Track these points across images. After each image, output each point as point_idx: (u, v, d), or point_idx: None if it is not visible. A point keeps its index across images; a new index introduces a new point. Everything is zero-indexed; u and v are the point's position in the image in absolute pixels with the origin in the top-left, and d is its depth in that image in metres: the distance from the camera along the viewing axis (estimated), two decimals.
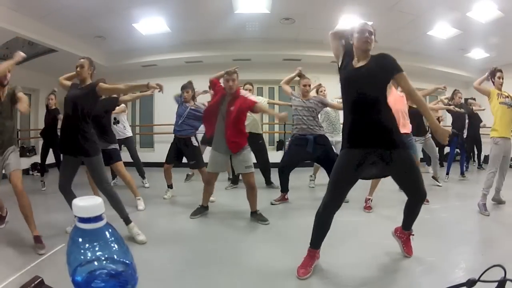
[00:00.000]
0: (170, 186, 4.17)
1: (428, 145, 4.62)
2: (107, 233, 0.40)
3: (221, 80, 3.16)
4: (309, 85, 3.85)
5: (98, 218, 0.39)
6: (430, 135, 4.49)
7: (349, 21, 5.19)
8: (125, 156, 5.10)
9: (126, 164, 3.79)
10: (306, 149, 3.62)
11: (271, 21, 5.28)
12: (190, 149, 3.95)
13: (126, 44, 6.08)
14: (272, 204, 3.75)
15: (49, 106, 4.73)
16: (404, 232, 2.25)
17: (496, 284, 0.47)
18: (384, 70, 1.89)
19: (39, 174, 6.45)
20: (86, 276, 0.38)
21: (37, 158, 6.52)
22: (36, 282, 0.43)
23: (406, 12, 4.77)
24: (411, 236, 2.26)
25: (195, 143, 3.97)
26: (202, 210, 3.33)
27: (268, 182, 4.69)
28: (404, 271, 2.09)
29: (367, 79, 1.86)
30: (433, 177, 4.81)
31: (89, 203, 0.39)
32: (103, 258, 0.39)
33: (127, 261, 0.40)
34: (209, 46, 6.20)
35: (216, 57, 6.44)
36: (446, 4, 4.50)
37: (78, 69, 2.63)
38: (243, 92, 3.37)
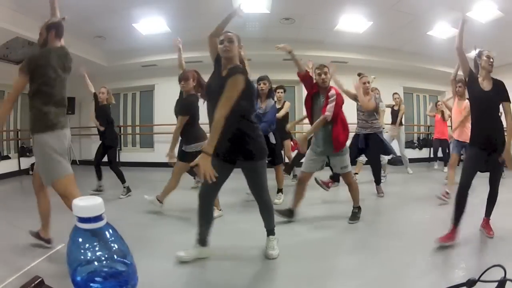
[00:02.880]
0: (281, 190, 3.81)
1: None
2: (107, 233, 0.40)
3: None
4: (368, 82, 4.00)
5: (98, 218, 0.39)
6: None
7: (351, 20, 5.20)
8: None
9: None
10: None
11: (271, 21, 5.28)
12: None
13: (126, 44, 6.08)
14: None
15: (99, 101, 4.20)
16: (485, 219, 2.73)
17: (496, 284, 0.47)
18: (499, 96, 2.46)
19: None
20: (86, 276, 0.38)
21: None
22: (36, 282, 0.43)
23: (406, 12, 4.77)
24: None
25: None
26: (288, 214, 3.03)
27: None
28: (404, 271, 2.09)
29: (493, 102, 2.46)
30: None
31: (89, 203, 0.39)
32: (103, 258, 0.39)
33: (127, 261, 0.40)
34: None
35: None
36: (446, 4, 4.50)
37: (226, 43, 2.08)
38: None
